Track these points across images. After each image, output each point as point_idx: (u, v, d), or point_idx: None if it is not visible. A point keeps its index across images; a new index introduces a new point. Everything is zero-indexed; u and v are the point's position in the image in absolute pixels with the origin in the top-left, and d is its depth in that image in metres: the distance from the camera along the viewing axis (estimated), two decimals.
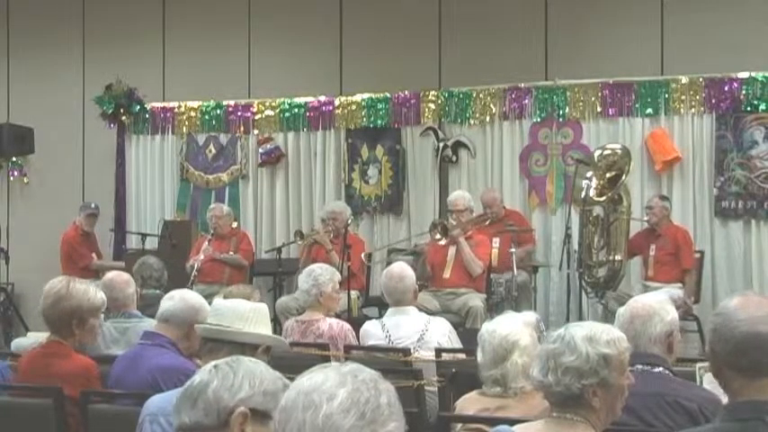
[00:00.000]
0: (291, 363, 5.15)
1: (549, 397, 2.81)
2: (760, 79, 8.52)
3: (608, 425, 2.88)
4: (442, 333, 5.43)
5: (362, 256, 8.52)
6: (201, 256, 8.87)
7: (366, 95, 9.80)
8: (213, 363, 2.23)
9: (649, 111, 8.84)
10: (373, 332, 5.52)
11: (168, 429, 3.04)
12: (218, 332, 3.31)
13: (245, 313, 3.34)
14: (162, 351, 4.07)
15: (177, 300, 4.19)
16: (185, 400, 2.18)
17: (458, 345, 5.48)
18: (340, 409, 1.69)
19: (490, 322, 3.66)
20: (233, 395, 2.14)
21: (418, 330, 5.39)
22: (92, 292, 4.21)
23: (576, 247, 8.30)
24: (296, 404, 1.73)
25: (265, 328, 3.39)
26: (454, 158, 9.42)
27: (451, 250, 8.08)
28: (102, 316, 5.23)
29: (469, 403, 3.63)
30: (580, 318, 7.95)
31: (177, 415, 2.19)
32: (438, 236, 8.05)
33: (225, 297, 4.59)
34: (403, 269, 5.69)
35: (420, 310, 6.82)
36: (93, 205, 10.00)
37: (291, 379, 1.85)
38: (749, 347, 2.34)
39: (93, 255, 9.80)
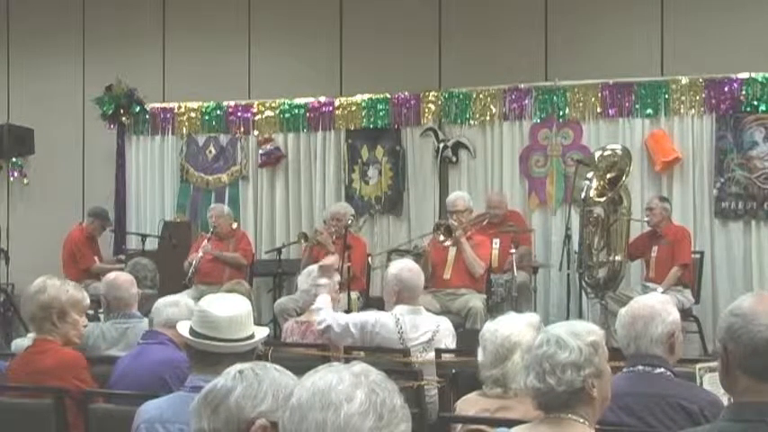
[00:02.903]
0: (292, 363, 5.18)
1: (550, 401, 2.79)
2: (760, 80, 8.51)
3: (600, 414, 2.89)
4: (448, 333, 5.37)
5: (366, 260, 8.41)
6: (201, 254, 8.87)
7: (366, 96, 9.80)
8: (238, 367, 2.16)
9: (649, 111, 8.84)
10: (387, 324, 5.39)
11: None
12: (207, 345, 3.20)
13: (240, 320, 3.26)
14: (162, 347, 4.25)
15: (183, 307, 4.33)
16: (206, 405, 2.13)
17: (455, 345, 5.44)
18: (360, 411, 1.69)
19: (492, 322, 3.66)
20: (255, 406, 2.10)
21: (430, 331, 5.32)
22: (70, 285, 4.23)
23: (576, 247, 8.29)
24: (311, 403, 1.72)
25: (252, 324, 3.34)
26: (454, 159, 9.42)
27: (452, 251, 8.08)
28: (102, 317, 5.26)
29: (469, 404, 3.63)
30: (580, 318, 7.94)
31: (197, 418, 2.14)
32: (442, 237, 8.04)
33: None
34: (419, 267, 5.61)
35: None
36: (108, 217, 9.95)
37: None
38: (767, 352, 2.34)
39: (96, 258, 9.79)
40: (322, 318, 5.30)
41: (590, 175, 8.16)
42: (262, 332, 3.37)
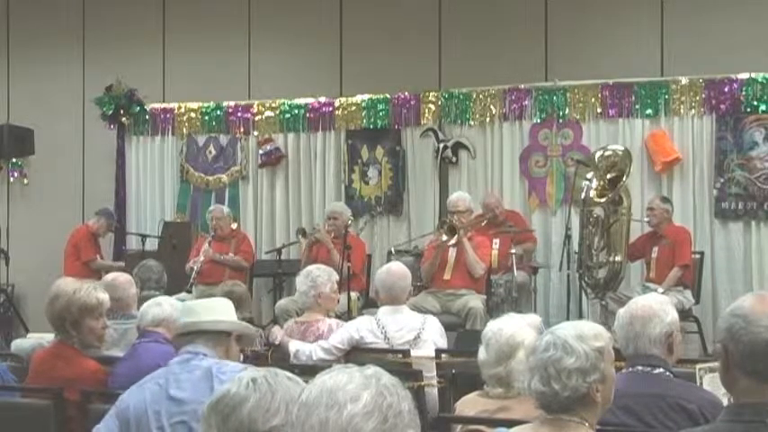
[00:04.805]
0: (293, 364, 5.19)
1: (553, 404, 2.78)
2: (760, 80, 8.51)
3: (602, 416, 2.89)
4: (435, 331, 5.44)
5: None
6: (201, 258, 8.87)
7: (366, 96, 9.79)
8: (251, 375, 2.15)
9: (649, 112, 8.84)
10: (368, 327, 5.44)
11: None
12: (195, 324, 3.46)
13: (214, 307, 3.57)
14: (158, 344, 4.40)
15: (166, 306, 4.60)
16: (217, 412, 2.11)
17: (445, 343, 5.55)
18: (363, 412, 1.70)
19: (495, 321, 3.67)
20: (267, 419, 2.07)
21: (414, 329, 5.39)
22: (84, 291, 4.20)
23: (575, 248, 8.29)
24: (318, 401, 1.73)
25: (235, 317, 3.65)
26: (454, 159, 9.42)
27: (452, 251, 8.08)
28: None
29: (468, 405, 3.63)
30: (580, 319, 7.93)
31: (206, 424, 2.12)
32: (445, 237, 8.03)
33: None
34: (403, 269, 5.70)
35: (421, 311, 6.85)
36: (114, 218, 9.99)
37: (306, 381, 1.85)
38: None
39: (98, 256, 9.81)
40: (309, 350, 5.37)
41: (590, 175, 8.16)
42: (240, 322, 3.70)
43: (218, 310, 3.54)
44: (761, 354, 2.31)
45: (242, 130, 10.25)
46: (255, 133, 10.20)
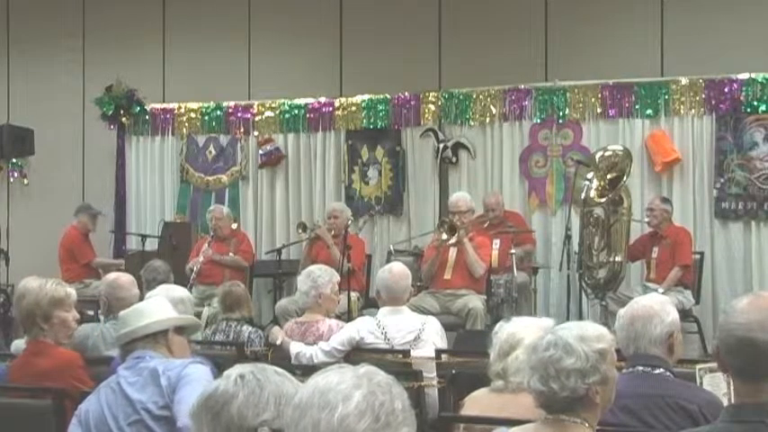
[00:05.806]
0: (292, 364, 5.19)
1: (552, 404, 2.78)
2: (760, 80, 8.51)
3: (602, 416, 2.89)
4: (435, 332, 5.45)
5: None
6: (201, 258, 8.86)
7: (366, 97, 9.79)
8: (239, 371, 2.16)
9: (649, 112, 8.84)
10: (368, 329, 5.46)
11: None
12: (129, 334, 3.54)
13: (143, 310, 3.65)
14: None
15: (187, 304, 4.61)
16: (207, 410, 2.12)
17: (445, 344, 5.56)
18: (356, 412, 1.70)
19: (506, 321, 3.69)
20: (257, 414, 2.08)
21: (414, 330, 5.40)
22: (50, 284, 4.20)
23: (576, 248, 8.29)
24: (311, 402, 1.73)
25: (168, 313, 3.67)
26: (454, 160, 9.42)
27: (452, 251, 8.07)
28: (103, 318, 5.25)
29: (476, 401, 3.64)
30: (580, 319, 7.93)
31: (197, 424, 2.13)
32: (445, 236, 8.03)
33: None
34: (404, 269, 5.69)
35: (421, 311, 6.85)
36: (93, 207, 9.98)
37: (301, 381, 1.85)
38: (742, 352, 2.31)
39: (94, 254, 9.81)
40: (310, 353, 5.39)
41: (590, 175, 8.15)
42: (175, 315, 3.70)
43: (148, 313, 3.61)
44: (734, 351, 2.30)
45: (242, 130, 10.25)
46: (255, 133, 10.20)
